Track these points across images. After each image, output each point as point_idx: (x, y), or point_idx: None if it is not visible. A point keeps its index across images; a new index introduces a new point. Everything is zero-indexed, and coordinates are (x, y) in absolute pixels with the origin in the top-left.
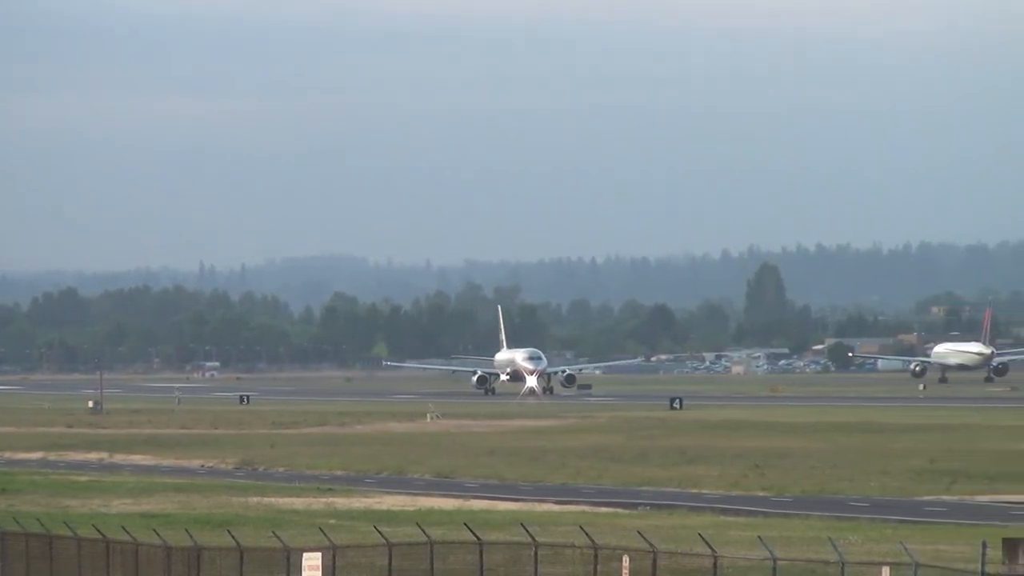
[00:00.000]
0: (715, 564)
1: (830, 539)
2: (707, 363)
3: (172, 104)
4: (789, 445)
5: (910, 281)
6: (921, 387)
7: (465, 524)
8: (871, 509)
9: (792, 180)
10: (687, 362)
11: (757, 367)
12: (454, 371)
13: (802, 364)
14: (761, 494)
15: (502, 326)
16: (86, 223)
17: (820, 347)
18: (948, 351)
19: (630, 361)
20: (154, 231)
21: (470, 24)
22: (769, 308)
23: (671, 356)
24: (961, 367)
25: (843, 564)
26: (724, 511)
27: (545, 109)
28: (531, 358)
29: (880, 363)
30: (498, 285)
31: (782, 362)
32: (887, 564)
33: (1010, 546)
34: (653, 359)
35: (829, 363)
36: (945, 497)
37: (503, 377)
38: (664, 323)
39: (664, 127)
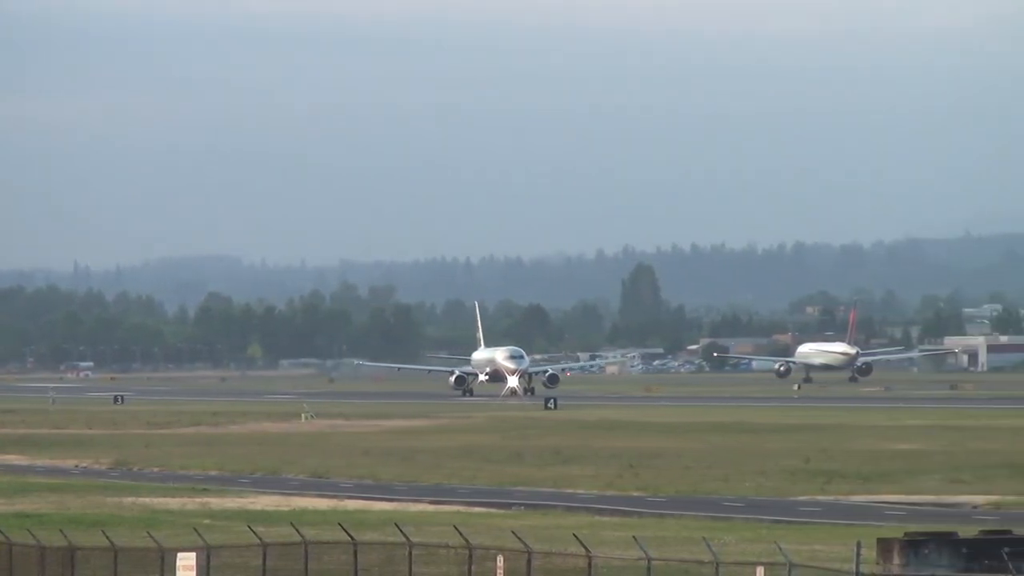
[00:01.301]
0: (589, 564)
1: (704, 539)
2: (582, 363)
3: (39, 104)
4: (664, 445)
5: (785, 281)
6: (796, 387)
7: (339, 524)
8: (746, 509)
9: (666, 180)
10: (562, 362)
11: (632, 367)
12: (429, 371)
13: (677, 364)
14: (636, 494)
15: (479, 323)
16: None
17: (695, 347)
18: (812, 351)
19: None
20: (28, 231)
21: (339, 21)
22: (644, 308)
23: (546, 356)
24: (826, 367)
25: (717, 564)
26: (599, 511)
27: (421, 107)
28: (513, 357)
29: (754, 363)
30: (373, 285)
31: (657, 362)
32: (762, 564)
33: (884, 546)
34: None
35: (704, 363)
36: (820, 497)
37: (482, 377)
38: (539, 323)
39: (539, 127)
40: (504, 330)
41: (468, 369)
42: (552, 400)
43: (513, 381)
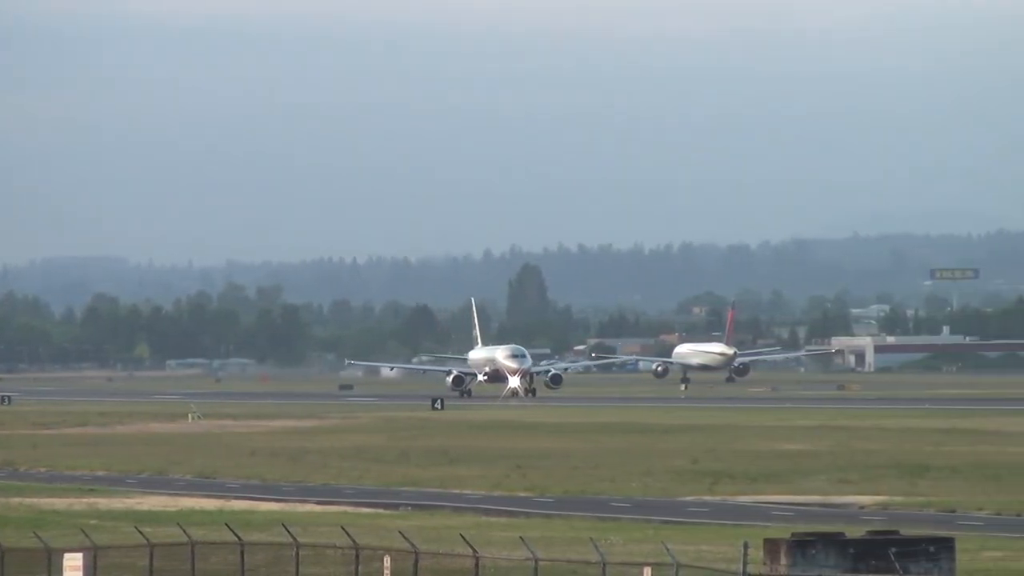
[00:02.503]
0: (477, 564)
1: (591, 539)
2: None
3: None
4: (551, 446)
5: (672, 281)
6: (682, 388)
7: (227, 524)
8: (633, 509)
9: (554, 180)
10: (449, 363)
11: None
12: (425, 371)
13: (564, 365)
14: (523, 495)
15: (476, 321)
16: None
17: (582, 347)
18: (690, 351)
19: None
20: None
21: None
22: (531, 308)
23: (433, 357)
24: (703, 367)
25: (604, 564)
26: (486, 511)
27: (307, 106)
28: (514, 356)
29: (641, 364)
30: (260, 285)
31: (544, 362)
32: (649, 564)
33: (771, 546)
34: (415, 360)
35: (591, 363)
36: (707, 497)
37: (480, 377)
38: (426, 323)
39: (424, 127)
40: (391, 331)
41: (467, 369)
42: (440, 400)
43: (514, 381)
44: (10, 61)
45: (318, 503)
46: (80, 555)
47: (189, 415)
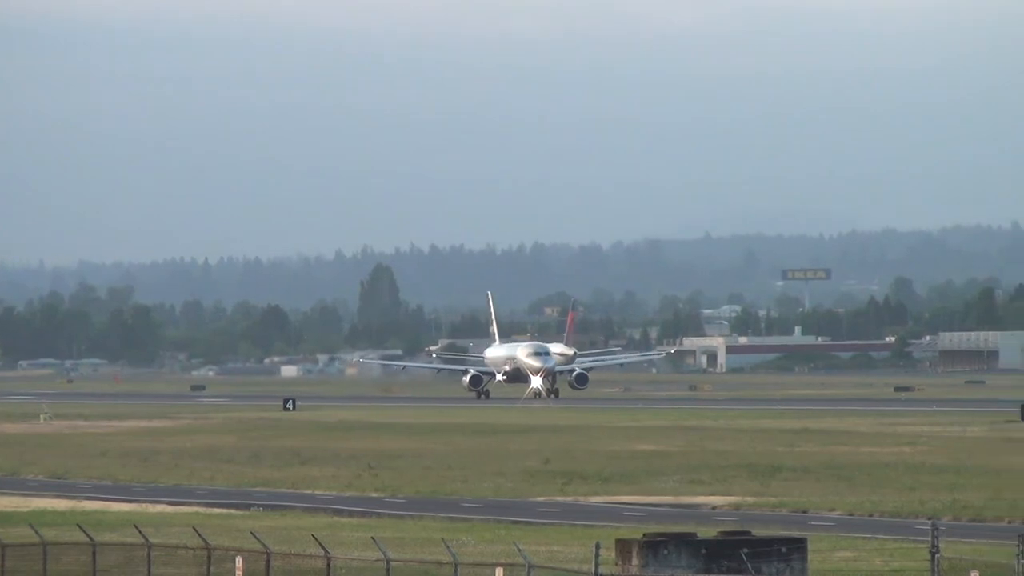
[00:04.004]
0: (328, 565)
1: (444, 540)
2: (321, 365)
3: None
4: (403, 446)
5: (524, 281)
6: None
7: (79, 525)
8: (485, 510)
9: (405, 181)
10: (301, 364)
11: (371, 369)
12: (439, 370)
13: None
14: (375, 495)
15: (493, 316)
16: None
17: (434, 348)
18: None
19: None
20: None
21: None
22: (383, 309)
23: (285, 358)
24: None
25: (456, 565)
26: (338, 512)
27: (159, 108)
28: (537, 354)
29: None
30: (112, 286)
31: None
32: (501, 565)
33: (623, 547)
34: (267, 361)
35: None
36: (559, 498)
37: (499, 377)
38: (277, 324)
39: (277, 127)
40: (243, 331)
41: (484, 368)
42: (291, 401)
43: (537, 381)
44: None
45: (170, 503)
46: None
47: (41, 415)
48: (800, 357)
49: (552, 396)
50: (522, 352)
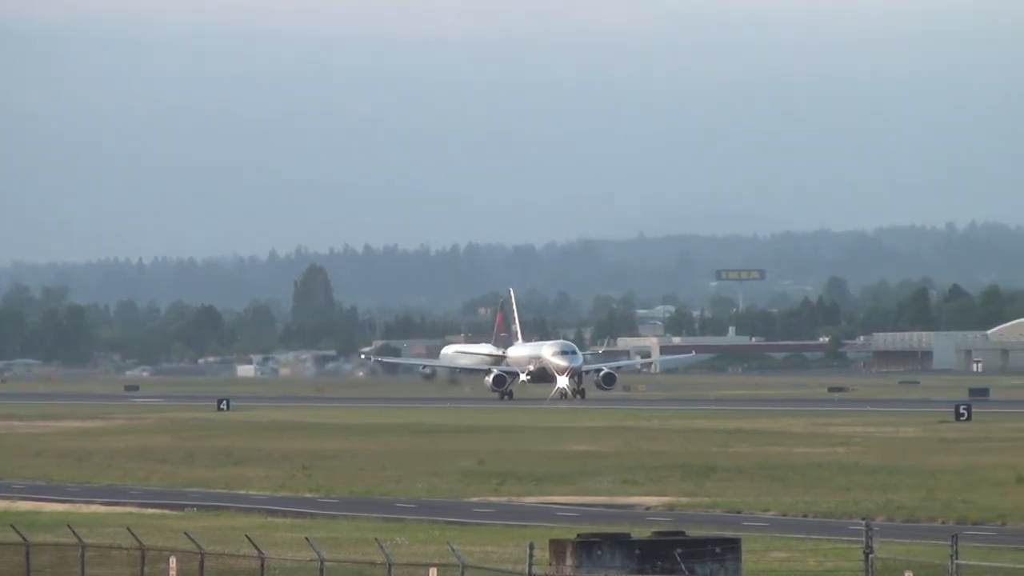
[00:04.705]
0: (262, 565)
1: (377, 540)
2: (255, 364)
3: None
4: (337, 447)
5: (458, 282)
6: (468, 388)
7: (12, 526)
8: (419, 510)
9: (339, 181)
10: (235, 364)
11: (304, 369)
12: (459, 369)
13: (350, 366)
14: (309, 495)
15: (516, 314)
16: None
17: (368, 348)
18: (457, 352)
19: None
20: None
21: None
22: (317, 309)
23: (218, 358)
24: (472, 369)
25: (390, 565)
26: (272, 512)
27: (88, 108)
28: (563, 353)
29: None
30: (46, 286)
31: (330, 364)
32: (435, 565)
33: (557, 547)
34: (200, 361)
35: (378, 366)
36: (493, 498)
37: (523, 377)
38: (211, 324)
39: (209, 127)
40: (177, 332)
41: (507, 368)
42: (225, 401)
43: (563, 381)
44: None
45: (104, 504)
46: None
47: None
48: (734, 357)
49: (578, 396)
50: (547, 351)
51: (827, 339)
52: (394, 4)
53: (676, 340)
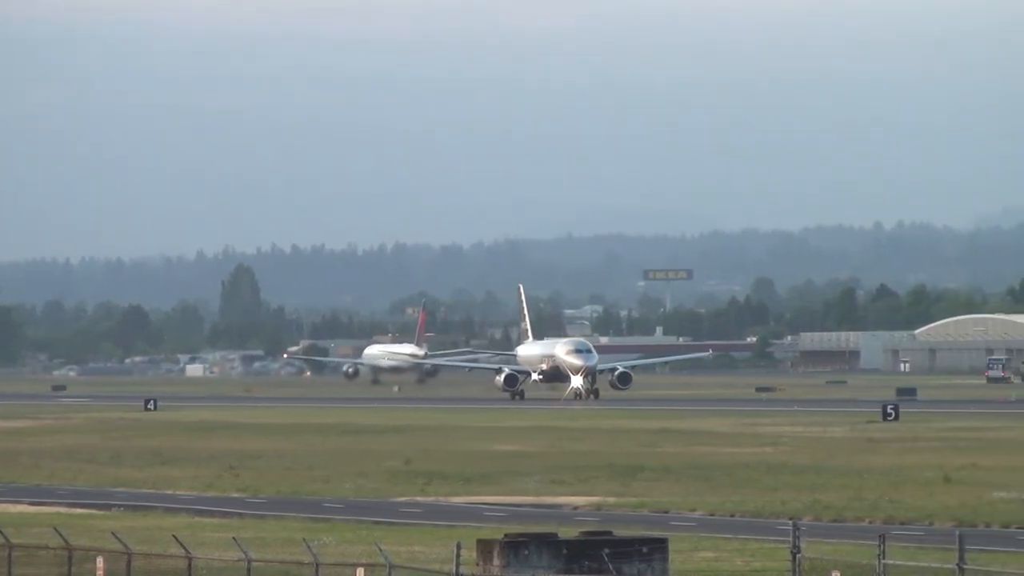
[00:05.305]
0: (190, 565)
1: (304, 540)
2: (182, 364)
3: None
4: (264, 446)
5: (385, 282)
6: (396, 388)
7: None
8: (346, 510)
9: (266, 181)
10: (162, 364)
11: (232, 369)
12: (470, 368)
13: (277, 366)
14: (236, 495)
15: (525, 310)
16: None
17: (295, 348)
18: (380, 352)
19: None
20: None
21: None
22: (244, 309)
23: (146, 358)
24: (394, 369)
25: (317, 565)
26: (199, 512)
27: (22, 107)
28: (578, 351)
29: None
30: None
31: (257, 364)
32: (362, 565)
33: (484, 547)
34: (128, 361)
35: (304, 365)
36: (420, 498)
37: (534, 376)
38: (139, 324)
39: (134, 125)
40: (104, 332)
41: (519, 367)
42: (153, 401)
43: (577, 381)
44: None
45: (31, 504)
46: None
47: None
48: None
49: (592, 397)
50: (561, 349)
51: (754, 339)
52: (323, 4)
53: (604, 340)
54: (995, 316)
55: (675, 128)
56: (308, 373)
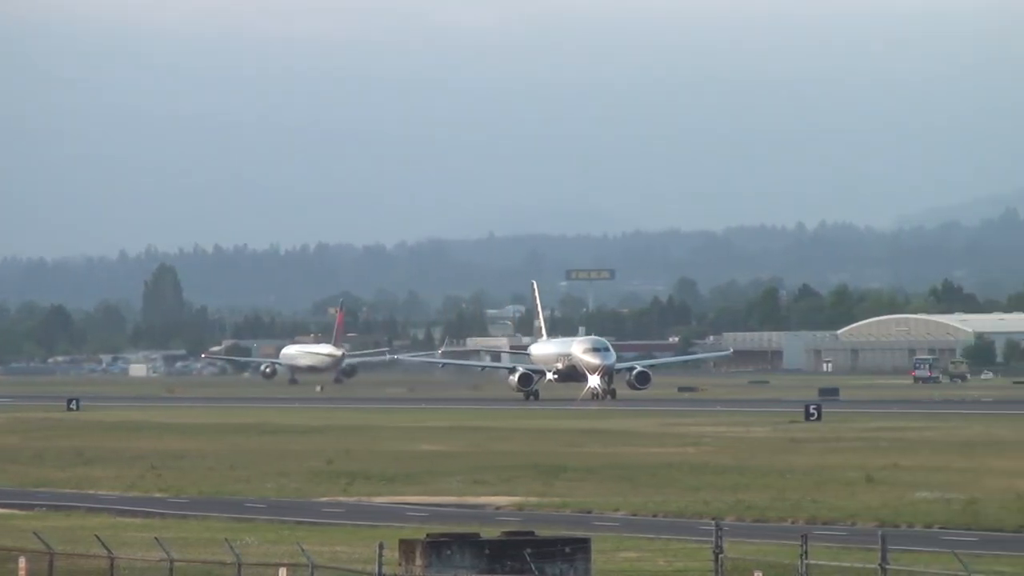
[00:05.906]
0: (112, 565)
1: (227, 540)
2: (104, 365)
3: None
4: (187, 447)
5: (308, 282)
6: (318, 388)
7: None
8: (268, 510)
9: (188, 181)
10: (84, 364)
11: (154, 369)
12: (483, 368)
13: (199, 366)
14: (159, 495)
15: (539, 308)
16: None
17: (217, 348)
18: (298, 352)
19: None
20: None
21: None
22: (167, 309)
23: (68, 358)
24: (312, 368)
25: (240, 565)
26: (121, 512)
27: None
28: (596, 350)
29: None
30: None
31: (179, 364)
32: (284, 565)
33: (406, 547)
34: (50, 361)
35: (226, 365)
36: (342, 498)
37: (549, 376)
38: (61, 324)
39: (55, 126)
40: (25, 331)
41: (533, 366)
42: (75, 401)
43: (594, 380)
44: None
45: None
46: None
47: None
48: None
49: (609, 396)
50: (578, 348)
51: (677, 339)
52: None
53: (526, 340)
54: (917, 316)
55: (598, 128)
56: (204, 372)
